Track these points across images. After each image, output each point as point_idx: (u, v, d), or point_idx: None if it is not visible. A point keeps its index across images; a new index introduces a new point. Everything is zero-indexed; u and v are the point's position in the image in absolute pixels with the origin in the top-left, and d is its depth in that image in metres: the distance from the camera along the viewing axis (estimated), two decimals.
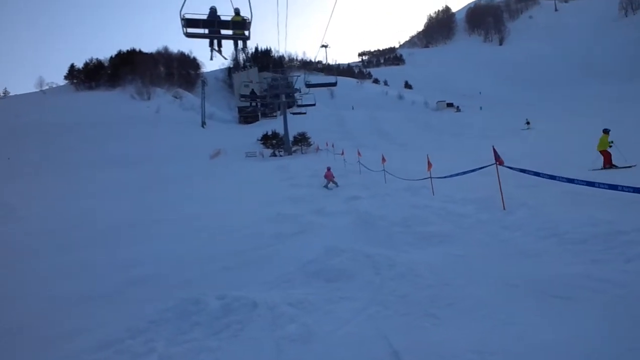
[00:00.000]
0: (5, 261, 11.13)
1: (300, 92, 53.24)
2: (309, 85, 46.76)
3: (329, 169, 20.00)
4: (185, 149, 55.80)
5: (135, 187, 27.29)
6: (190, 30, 16.22)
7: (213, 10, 16.71)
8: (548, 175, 7.70)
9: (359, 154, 25.83)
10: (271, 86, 58.59)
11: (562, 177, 7.26)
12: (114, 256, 10.54)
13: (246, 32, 16.81)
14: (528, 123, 46.38)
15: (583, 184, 6.85)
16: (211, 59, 19.58)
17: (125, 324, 5.11)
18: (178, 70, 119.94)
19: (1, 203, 21.27)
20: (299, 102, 53.91)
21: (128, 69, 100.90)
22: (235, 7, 16.21)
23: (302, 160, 40.76)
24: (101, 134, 62.79)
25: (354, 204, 13.84)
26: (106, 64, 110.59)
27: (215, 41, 17.25)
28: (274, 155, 52.41)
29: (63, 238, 13.69)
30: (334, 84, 49.22)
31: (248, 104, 71.60)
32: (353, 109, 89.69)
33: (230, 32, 17.00)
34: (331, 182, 19.36)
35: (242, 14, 16.47)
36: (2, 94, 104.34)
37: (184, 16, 15.71)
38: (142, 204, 20.16)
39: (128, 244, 11.88)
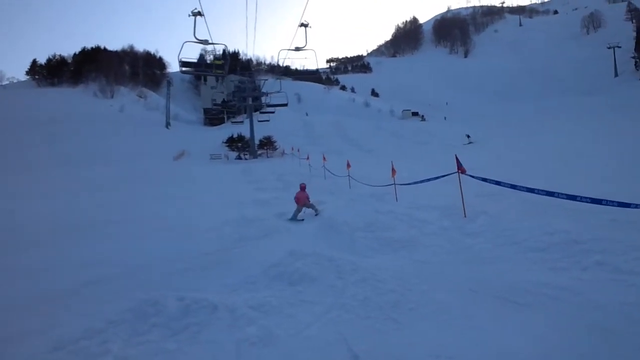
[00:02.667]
0: None
1: (267, 95, 53.03)
2: (268, 105, 48.32)
3: (303, 187, 13.42)
4: (149, 149, 54.63)
5: (96, 187, 26.56)
6: (184, 69, 25.20)
7: (202, 55, 28.00)
8: (509, 184, 7.86)
9: (324, 159, 25.90)
10: (238, 89, 58.17)
11: (523, 187, 7.43)
12: (73, 256, 10.20)
13: (224, 71, 25.70)
14: (468, 137, 45.71)
15: (543, 194, 7.03)
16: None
17: (81, 325, 4.94)
18: (143, 69, 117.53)
19: None
20: (269, 102, 53.41)
21: (92, 66, 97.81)
22: (216, 53, 24.99)
23: (267, 164, 40.60)
24: (62, 131, 60.72)
25: (318, 208, 13.84)
26: (69, 61, 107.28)
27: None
28: (239, 158, 51.98)
29: (19, 237, 13.18)
30: (285, 105, 50.23)
31: (213, 105, 71.79)
32: (307, 115, 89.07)
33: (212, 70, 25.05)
34: (305, 208, 13.14)
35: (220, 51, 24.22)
36: None
37: (181, 60, 23.75)
38: (104, 204, 19.63)
39: (88, 244, 11.53)
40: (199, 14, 25.97)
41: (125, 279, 7.48)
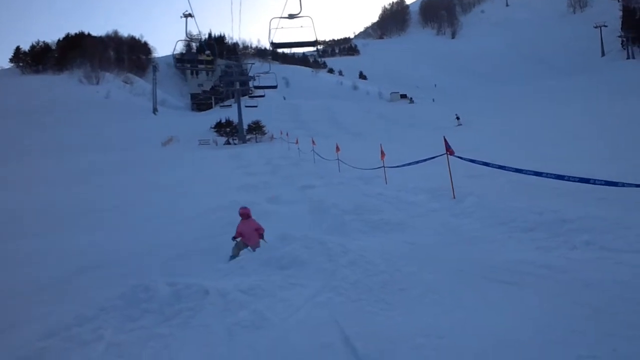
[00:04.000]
0: None
1: (255, 78, 52.49)
2: (256, 87, 47.71)
3: (245, 214, 8.11)
4: (137, 135, 54.22)
5: (85, 175, 26.39)
6: (178, 64, 34.33)
7: (193, 52, 34.58)
8: (497, 165, 7.91)
9: (313, 142, 25.84)
10: (225, 73, 57.56)
11: (511, 167, 7.48)
12: (63, 244, 10.22)
13: (212, 65, 31.78)
14: (458, 118, 43.93)
15: (531, 174, 7.06)
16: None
17: (73, 312, 4.95)
18: (128, 54, 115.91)
19: None
20: (257, 84, 52.81)
21: (76, 52, 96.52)
22: (207, 51, 32.05)
23: (256, 148, 40.50)
24: (48, 119, 60.10)
25: (308, 192, 13.85)
26: (53, 47, 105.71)
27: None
28: (228, 143, 51.73)
29: (10, 227, 13.10)
30: (275, 87, 49.33)
31: (201, 91, 71.59)
32: (285, 99, 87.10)
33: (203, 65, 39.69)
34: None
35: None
36: None
37: (175, 56, 33.83)
38: (92, 192, 19.52)
39: (78, 233, 11.54)
40: (190, 15, 29.52)
41: (116, 266, 7.48)
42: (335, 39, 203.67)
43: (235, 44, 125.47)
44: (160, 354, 3.89)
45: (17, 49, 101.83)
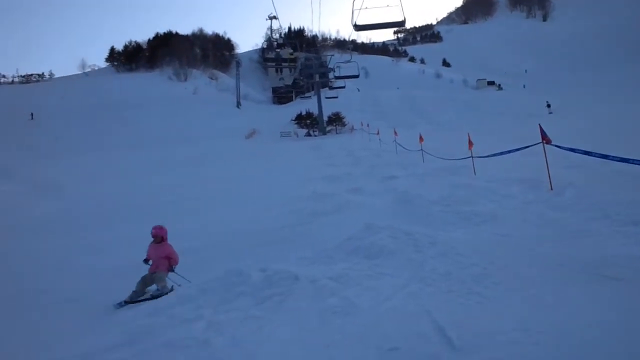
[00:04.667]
0: (58, 235, 11.60)
1: (334, 70, 52.75)
2: (337, 78, 50.16)
3: (159, 235, 6.90)
4: (222, 129, 56.34)
5: (174, 166, 27.87)
6: (264, 62, 57.71)
7: (278, 52, 63.42)
8: (600, 154, 7.33)
9: (395, 133, 25.52)
10: (305, 66, 58.32)
11: (615, 157, 6.91)
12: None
13: (294, 62, 41.02)
14: (549, 106, 43.14)
15: (638, 164, 6.49)
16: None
17: (176, 292, 5.42)
18: (213, 51, 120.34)
19: (51, 182, 22.14)
20: (337, 74, 52.93)
21: (165, 50, 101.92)
22: (290, 50, 50.02)
23: (336, 140, 40.69)
24: (141, 114, 63.93)
25: (391, 183, 13.70)
26: (144, 46, 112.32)
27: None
28: (308, 135, 52.40)
29: (111, 214, 14.20)
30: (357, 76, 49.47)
31: (282, 85, 73.93)
32: (359, 90, 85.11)
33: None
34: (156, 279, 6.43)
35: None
36: (47, 76, 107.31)
37: (263, 56, 66.84)
38: (182, 182, 20.57)
39: (175, 219, 12.20)
40: (275, 17, 31.45)
41: (210, 251, 7.86)
42: (417, 26, 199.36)
43: (315, 37, 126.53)
44: (256, 334, 4.04)
45: (112, 49, 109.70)
